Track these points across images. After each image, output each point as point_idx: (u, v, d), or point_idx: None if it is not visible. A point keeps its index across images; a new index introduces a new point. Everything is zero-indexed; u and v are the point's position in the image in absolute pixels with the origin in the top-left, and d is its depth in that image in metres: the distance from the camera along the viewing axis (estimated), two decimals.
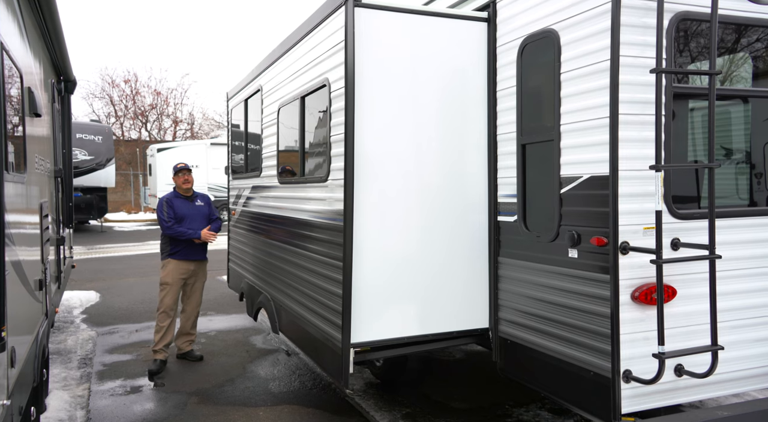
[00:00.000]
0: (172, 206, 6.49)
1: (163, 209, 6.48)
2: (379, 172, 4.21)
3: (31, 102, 4.08)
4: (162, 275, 6.57)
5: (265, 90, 6.24)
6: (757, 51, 3.85)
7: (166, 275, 6.53)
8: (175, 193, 6.66)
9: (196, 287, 6.74)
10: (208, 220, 6.68)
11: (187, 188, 6.64)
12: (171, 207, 6.49)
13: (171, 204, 6.51)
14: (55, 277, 5.97)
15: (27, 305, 3.78)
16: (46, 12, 4.81)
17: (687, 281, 3.46)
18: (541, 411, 5.11)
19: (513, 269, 4.22)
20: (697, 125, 3.94)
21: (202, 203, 6.71)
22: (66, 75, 7.12)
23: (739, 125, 4.26)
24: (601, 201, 3.37)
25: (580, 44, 3.48)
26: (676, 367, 3.41)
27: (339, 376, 4.18)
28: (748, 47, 3.85)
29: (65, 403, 5.38)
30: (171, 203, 6.51)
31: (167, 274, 6.53)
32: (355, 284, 4.09)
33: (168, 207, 6.48)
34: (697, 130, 3.95)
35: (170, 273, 6.52)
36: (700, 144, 3.93)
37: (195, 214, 6.58)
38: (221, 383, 5.90)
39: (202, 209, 6.68)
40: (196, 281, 6.72)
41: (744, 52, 3.89)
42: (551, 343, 3.81)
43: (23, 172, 3.76)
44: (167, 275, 6.52)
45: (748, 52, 3.88)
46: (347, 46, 3.99)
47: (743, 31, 3.78)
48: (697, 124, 3.95)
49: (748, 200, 4.06)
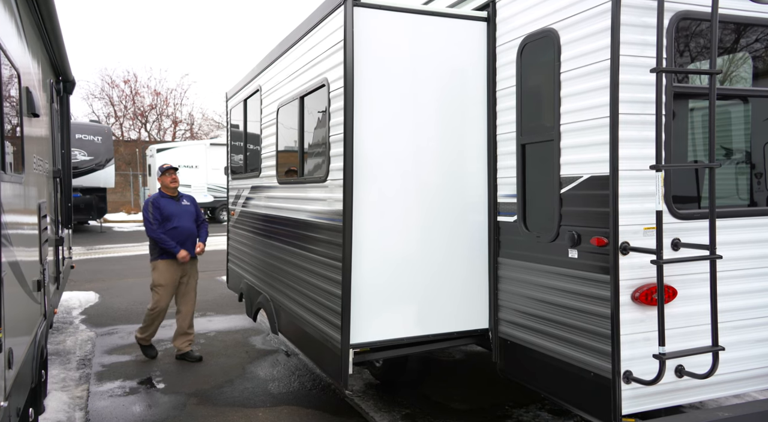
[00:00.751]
0: (159, 207, 6.49)
1: (149, 210, 6.47)
2: (378, 172, 4.20)
3: (29, 102, 4.06)
4: (155, 277, 6.54)
5: (264, 90, 6.23)
6: (757, 51, 3.84)
7: (159, 276, 6.51)
8: (161, 193, 6.65)
9: (190, 286, 6.75)
10: (196, 219, 6.72)
11: (175, 187, 6.65)
12: (158, 208, 6.48)
13: (158, 205, 6.50)
14: (54, 278, 5.95)
15: (25, 306, 3.76)
16: (44, 11, 4.79)
17: (687, 282, 3.45)
18: (541, 412, 5.10)
19: (513, 269, 4.21)
20: (696, 125, 3.93)
21: (188, 203, 6.74)
22: (65, 75, 7.10)
23: (739, 125, 4.24)
24: (601, 201, 3.36)
25: (580, 44, 3.46)
26: (676, 368, 3.39)
27: (338, 377, 4.17)
28: (748, 47, 3.83)
29: (64, 404, 5.36)
30: (158, 204, 6.50)
31: (160, 275, 6.51)
32: (354, 285, 4.08)
33: (154, 208, 6.48)
34: (696, 130, 3.93)
35: (163, 275, 6.50)
36: (700, 144, 3.91)
37: (182, 212, 6.57)
38: (220, 384, 5.89)
39: (189, 208, 6.70)
40: (190, 280, 6.75)
41: (744, 51, 3.87)
42: (551, 344, 3.79)
43: (21, 172, 3.75)
44: (160, 276, 6.50)
45: (747, 52, 3.87)
46: (346, 46, 3.97)
47: (743, 31, 3.76)
48: (696, 124, 3.93)
49: (748, 200, 4.05)
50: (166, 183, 6.61)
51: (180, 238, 6.50)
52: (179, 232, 6.50)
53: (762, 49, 3.83)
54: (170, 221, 6.47)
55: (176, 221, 6.49)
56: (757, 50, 3.84)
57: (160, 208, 6.48)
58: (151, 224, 6.42)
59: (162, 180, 6.64)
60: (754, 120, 4.17)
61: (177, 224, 6.49)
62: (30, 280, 3.98)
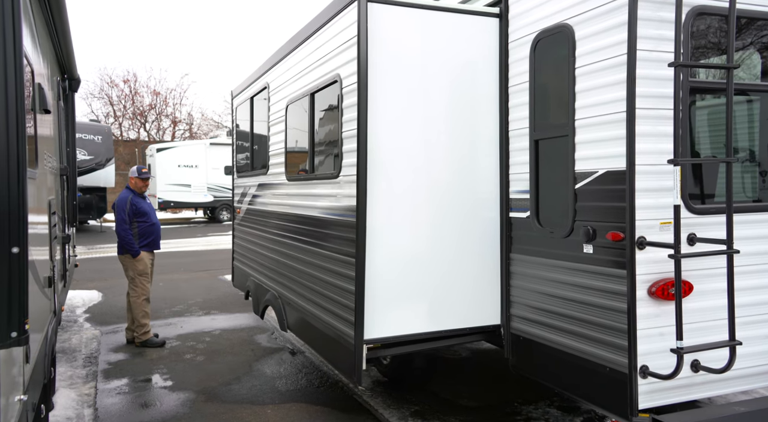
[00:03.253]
0: (135, 204, 7.09)
1: (126, 207, 7.04)
2: (390, 168, 4.20)
3: (41, 98, 4.04)
4: (140, 268, 7.15)
5: (273, 87, 6.22)
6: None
7: (144, 266, 7.17)
8: (133, 192, 7.21)
9: (152, 276, 7.43)
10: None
11: (144, 191, 7.38)
12: (134, 205, 7.08)
13: (134, 202, 7.10)
14: (62, 275, 5.94)
15: (38, 302, 3.75)
16: (55, 9, 4.78)
17: (703, 277, 3.45)
18: (550, 408, 5.10)
19: (525, 265, 4.20)
20: (712, 121, 3.92)
21: (150, 201, 7.51)
22: (70, 73, 7.08)
23: (752, 122, 4.23)
24: (617, 196, 3.36)
25: (596, 39, 3.46)
26: (692, 362, 3.39)
27: (351, 373, 4.16)
28: (765, 42, 3.83)
29: (72, 401, 5.35)
30: (134, 201, 7.10)
31: (144, 265, 7.17)
32: (367, 281, 4.07)
33: (131, 205, 7.06)
34: (711, 126, 3.93)
35: (145, 263, 7.18)
36: (711, 140, 3.91)
37: (152, 210, 7.31)
38: (228, 381, 5.88)
39: (152, 205, 7.45)
40: (152, 270, 7.46)
41: (760, 47, 3.87)
42: (565, 339, 3.79)
43: (35, 168, 3.73)
44: (144, 266, 7.17)
45: (763, 48, 3.86)
46: (360, 42, 3.97)
47: (761, 26, 3.76)
48: (703, 120, 3.93)
49: (756, 197, 4.04)
50: (140, 186, 7.24)
51: (157, 233, 7.27)
52: (156, 228, 7.27)
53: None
54: (147, 217, 7.14)
55: (152, 217, 7.22)
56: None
57: (136, 205, 7.09)
58: (125, 222, 7.00)
59: (138, 183, 7.22)
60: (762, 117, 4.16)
61: (154, 220, 7.24)
62: (42, 276, 3.96)
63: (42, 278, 3.99)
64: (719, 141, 3.69)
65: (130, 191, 7.19)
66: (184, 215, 29.43)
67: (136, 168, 7.28)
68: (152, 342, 7.11)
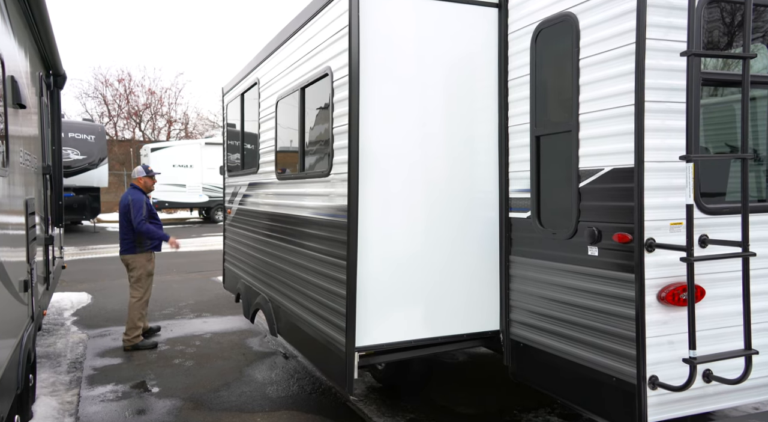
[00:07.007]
0: (148, 204, 7.04)
1: (143, 207, 6.92)
2: (384, 165, 4.00)
3: (14, 92, 3.84)
4: (149, 268, 7.08)
5: (263, 83, 6.01)
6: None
7: (153, 266, 7.17)
8: (143, 192, 7.10)
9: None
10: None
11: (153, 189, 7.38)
12: (147, 205, 7.01)
13: (147, 202, 7.03)
14: (43, 278, 5.73)
15: (9, 307, 3.55)
16: (33, 3, 4.58)
17: (715, 281, 3.25)
18: (551, 416, 4.90)
19: (526, 268, 4.00)
20: (719, 116, 3.72)
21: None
22: (55, 69, 6.87)
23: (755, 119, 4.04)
24: (624, 195, 3.16)
25: (602, 28, 3.26)
26: (704, 372, 3.20)
27: (342, 382, 3.95)
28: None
29: (53, 410, 5.13)
30: (147, 202, 7.03)
31: (154, 266, 7.17)
32: (359, 285, 3.87)
33: (146, 205, 6.99)
34: (720, 120, 3.73)
35: (154, 263, 7.20)
36: (723, 136, 3.71)
37: (155, 211, 7.24)
38: (216, 387, 5.66)
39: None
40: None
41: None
42: (569, 346, 3.59)
43: (5, 166, 3.53)
44: (154, 266, 7.17)
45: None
46: (351, 32, 3.76)
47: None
48: (719, 114, 3.73)
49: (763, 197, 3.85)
50: (149, 185, 7.16)
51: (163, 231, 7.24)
52: (161, 226, 7.23)
53: None
54: (155, 216, 7.08)
55: (157, 217, 7.20)
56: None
57: (149, 206, 7.02)
58: (144, 220, 6.84)
59: (147, 181, 7.12)
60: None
61: (159, 220, 7.23)
62: (15, 280, 3.76)
63: (16, 282, 3.79)
64: (727, 137, 3.50)
65: (140, 191, 7.02)
66: (179, 216, 29.20)
67: (143, 167, 7.15)
68: (144, 345, 6.94)
